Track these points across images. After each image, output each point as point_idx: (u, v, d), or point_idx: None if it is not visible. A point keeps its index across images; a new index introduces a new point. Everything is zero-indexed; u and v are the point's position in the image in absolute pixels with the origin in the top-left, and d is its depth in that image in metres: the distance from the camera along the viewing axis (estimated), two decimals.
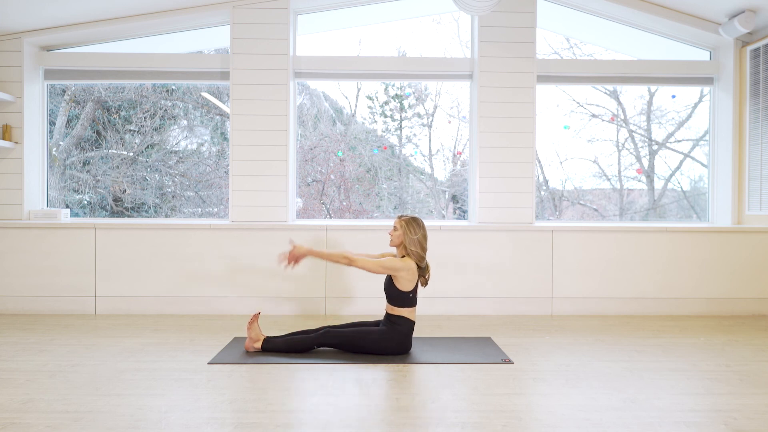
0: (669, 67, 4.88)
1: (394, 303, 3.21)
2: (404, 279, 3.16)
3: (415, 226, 3.23)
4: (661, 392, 2.59)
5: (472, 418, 2.26)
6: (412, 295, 3.20)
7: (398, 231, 3.24)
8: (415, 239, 3.21)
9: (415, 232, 3.22)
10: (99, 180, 5.31)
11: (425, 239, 3.26)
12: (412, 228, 3.22)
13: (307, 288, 4.42)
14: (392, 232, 3.27)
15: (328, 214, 5.65)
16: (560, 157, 5.51)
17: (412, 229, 3.22)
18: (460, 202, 5.61)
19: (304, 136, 5.58)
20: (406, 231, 3.22)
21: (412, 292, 3.20)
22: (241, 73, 4.58)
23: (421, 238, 3.23)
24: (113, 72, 4.76)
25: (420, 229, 3.24)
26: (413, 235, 3.21)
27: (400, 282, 3.17)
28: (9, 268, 4.39)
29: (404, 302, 3.19)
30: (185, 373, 2.85)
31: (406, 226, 3.23)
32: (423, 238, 3.24)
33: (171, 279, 4.39)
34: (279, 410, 2.35)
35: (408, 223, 3.24)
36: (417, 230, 3.23)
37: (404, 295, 3.19)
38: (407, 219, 3.26)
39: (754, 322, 4.22)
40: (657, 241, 4.48)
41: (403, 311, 3.20)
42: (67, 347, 3.34)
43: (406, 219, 3.26)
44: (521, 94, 4.64)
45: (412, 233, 3.21)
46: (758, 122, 4.62)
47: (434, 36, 5.41)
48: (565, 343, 3.52)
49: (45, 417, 2.24)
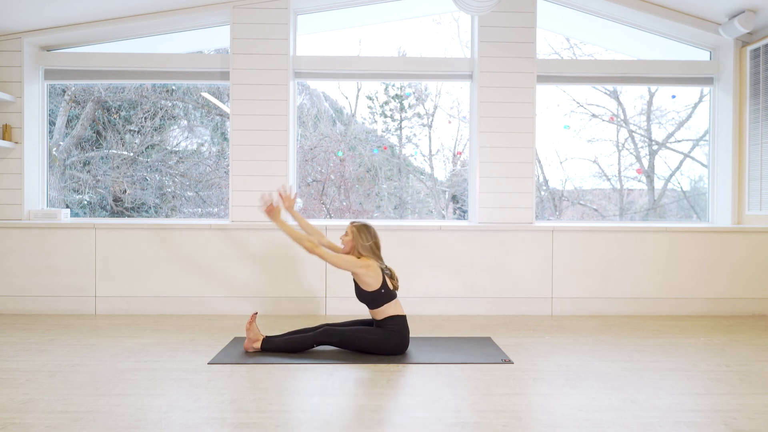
0: (669, 67, 4.88)
1: (373, 305, 3.21)
2: (366, 276, 3.15)
3: (366, 234, 3.25)
4: (661, 392, 2.59)
5: (472, 418, 2.26)
6: (384, 290, 3.19)
7: (349, 237, 3.26)
8: (366, 246, 3.23)
9: (366, 239, 3.23)
10: (99, 180, 5.31)
11: (378, 247, 3.28)
12: (363, 234, 3.24)
13: (307, 288, 4.42)
14: (343, 237, 3.29)
15: (328, 214, 5.65)
16: (560, 157, 5.51)
17: (363, 236, 3.24)
18: (460, 202, 5.61)
19: (304, 136, 5.59)
20: (357, 237, 3.24)
21: (382, 288, 3.18)
22: (241, 73, 4.58)
23: (372, 245, 3.25)
24: (113, 72, 4.76)
25: (371, 237, 3.26)
26: (364, 242, 3.23)
27: (363, 281, 3.17)
28: (9, 268, 4.39)
29: (380, 300, 3.18)
30: (185, 373, 2.85)
31: (357, 233, 3.24)
32: (375, 246, 3.26)
33: (171, 279, 4.39)
34: (279, 410, 2.35)
35: (359, 229, 3.25)
36: (368, 237, 3.24)
37: (376, 294, 3.18)
38: (358, 225, 3.27)
39: (754, 322, 4.22)
40: (657, 241, 4.48)
41: (386, 310, 3.19)
42: (67, 347, 3.34)
43: (358, 225, 3.27)
44: (521, 94, 4.64)
45: (364, 240, 3.23)
46: (758, 122, 4.62)
47: (434, 36, 5.41)
48: (565, 343, 3.52)
49: (45, 417, 2.24)
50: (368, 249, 3.23)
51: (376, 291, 3.18)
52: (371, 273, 3.15)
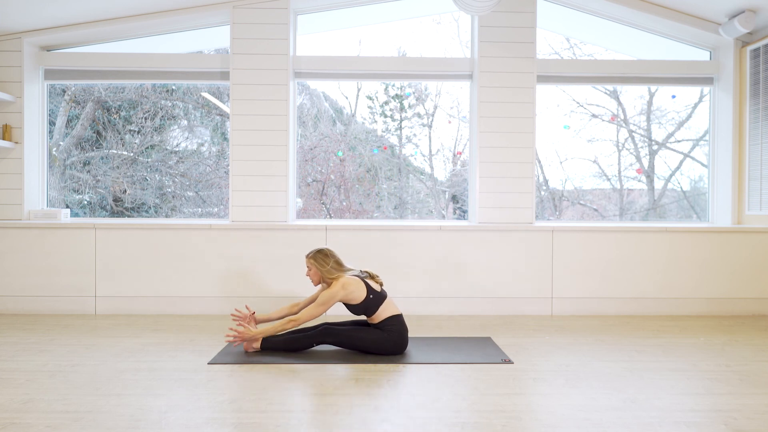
0: (669, 67, 4.88)
1: (368, 313, 3.24)
2: (350, 295, 3.17)
3: (323, 259, 3.27)
4: (661, 392, 2.59)
5: (472, 418, 2.26)
6: (372, 296, 3.20)
7: (311, 270, 3.29)
8: (329, 268, 3.25)
9: (325, 263, 3.26)
10: (99, 180, 5.31)
11: (340, 263, 3.29)
12: (320, 261, 3.26)
13: (307, 288, 4.41)
14: (307, 273, 3.31)
15: (328, 214, 5.65)
16: (560, 157, 5.51)
17: (321, 262, 3.26)
18: (460, 202, 5.61)
19: (304, 136, 5.58)
20: (318, 266, 3.26)
21: (370, 294, 3.19)
22: (241, 73, 4.58)
23: (334, 264, 3.27)
24: (113, 72, 4.76)
25: (329, 257, 3.28)
26: (326, 266, 3.25)
27: (350, 299, 3.19)
28: (9, 268, 4.39)
29: (372, 306, 3.21)
30: (185, 373, 2.85)
31: (315, 262, 3.27)
32: (337, 264, 3.28)
33: (171, 279, 4.39)
34: (279, 410, 2.35)
35: (315, 258, 3.28)
36: (327, 260, 3.26)
37: (366, 303, 3.20)
38: (313, 255, 3.29)
39: (754, 322, 4.22)
40: (657, 241, 4.48)
41: (381, 313, 3.21)
42: (67, 347, 3.34)
43: (312, 255, 3.29)
44: (521, 94, 4.64)
45: (324, 265, 3.25)
46: (758, 122, 4.62)
47: (434, 36, 5.41)
48: (565, 343, 3.52)
49: (45, 417, 2.24)
50: (333, 269, 3.26)
51: (365, 300, 3.19)
52: (351, 289, 3.17)
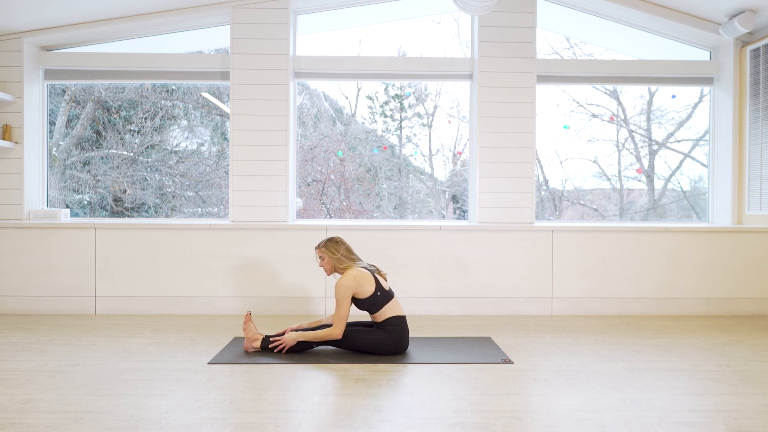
0: (669, 67, 4.88)
1: (372, 310, 3.24)
2: (360, 288, 3.18)
3: (334, 246, 3.30)
4: (661, 392, 2.59)
5: (472, 418, 2.26)
6: (379, 293, 3.20)
7: (324, 260, 3.31)
8: (339, 256, 3.27)
9: (336, 250, 3.29)
10: (99, 180, 5.31)
11: (350, 251, 3.33)
12: (331, 249, 3.29)
13: (307, 288, 4.42)
14: (320, 264, 3.33)
15: (328, 214, 5.65)
16: (560, 157, 5.51)
17: (333, 249, 3.29)
18: (460, 202, 5.61)
19: (304, 136, 5.58)
20: (329, 255, 3.29)
21: (378, 290, 3.20)
22: (241, 73, 4.58)
23: (344, 251, 3.30)
24: (113, 72, 4.76)
25: (340, 245, 3.31)
26: (337, 253, 3.28)
27: (360, 292, 3.19)
28: (9, 268, 4.39)
29: (378, 304, 3.21)
30: (185, 373, 2.85)
31: (327, 251, 3.30)
32: (347, 251, 3.31)
33: (171, 279, 4.39)
34: (279, 410, 2.35)
35: (326, 246, 3.31)
36: (338, 248, 3.30)
37: (373, 299, 3.19)
38: (324, 243, 3.33)
39: (754, 322, 4.22)
40: (657, 241, 4.48)
41: (385, 312, 3.21)
42: (67, 347, 3.34)
43: (324, 244, 3.33)
44: (521, 94, 4.63)
45: (335, 252, 3.28)
46: (758, 122, 4.62)
47: (434, 36, 5.41)
48: (565, 343, 3.52)
49: (45, 417, 2.24)
50: (344, 257, 3.28)
51: (372, 295, 3.19)
52: (361, 282, 3.18)
